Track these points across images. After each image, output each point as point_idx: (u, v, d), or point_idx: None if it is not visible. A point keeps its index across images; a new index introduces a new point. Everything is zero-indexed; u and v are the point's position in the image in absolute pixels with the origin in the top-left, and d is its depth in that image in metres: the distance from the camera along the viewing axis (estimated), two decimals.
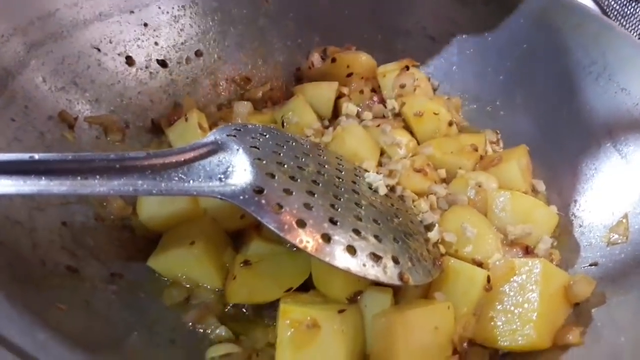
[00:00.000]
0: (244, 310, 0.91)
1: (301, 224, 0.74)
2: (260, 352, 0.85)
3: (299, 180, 0.82)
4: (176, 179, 0.76)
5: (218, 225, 0.97)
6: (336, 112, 1.25)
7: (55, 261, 0.83)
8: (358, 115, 1.21)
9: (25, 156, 0.68)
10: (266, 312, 0.91)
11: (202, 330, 0.88)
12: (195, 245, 0.90)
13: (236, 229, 0.98)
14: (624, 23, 1.77)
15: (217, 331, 0.87)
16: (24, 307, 0.69)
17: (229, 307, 0.91)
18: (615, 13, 1.80)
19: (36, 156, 0.69)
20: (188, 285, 0.93)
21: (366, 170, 1.00)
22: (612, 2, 1.84)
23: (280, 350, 0.78)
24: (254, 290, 0.88)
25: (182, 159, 0.78)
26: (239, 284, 0.89)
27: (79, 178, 0.70)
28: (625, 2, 1.80)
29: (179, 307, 0.91)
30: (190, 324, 0.89)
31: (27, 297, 0.72)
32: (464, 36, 1.33)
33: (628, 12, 1.79)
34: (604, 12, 1.71)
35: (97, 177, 0.71)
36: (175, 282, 0.93)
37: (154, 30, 1.19)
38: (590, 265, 0.94)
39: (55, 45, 1.02)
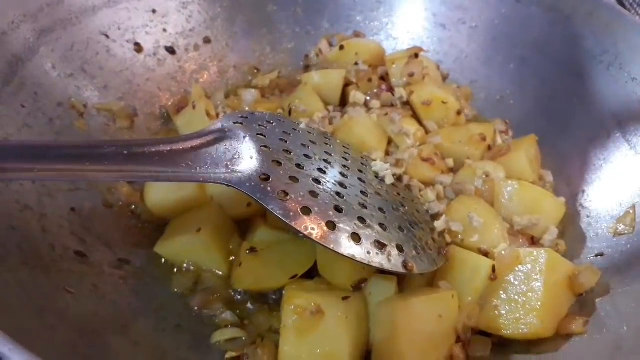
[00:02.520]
0: (249, 296, 0.92)
1: (307, 211, 0.74)
2: (264, 337, 0.86)
3: (305, 168, 0.82)
4: (183, 165, 0.77)
5: (224, 212, 0.97)
6: (344, 100, 1.24)
7: (65, 246, 0.85)
8: (366, 104, 1.20)
9: (36, 142, 0.69)
10: (271, 298, 0.91)
11: (208, 315, 0.89)
12: (202, 232, 0.91)
13: (242, 216, 0.99)
14: None
15: (223, 315, 0.88)
16: (34, 290, 0.71)
17: (234, 293, 0.92)
18: (631, 1, 1.78)
19: (47, 142, 0.70)
20: (193, 268, 0.94)
21: (373, 160, 1.00)
22: None
23: (285, 336, 0.79)
24: (260, 277, 0.89)
25: (190, 146, 0.79)
26: (245, 271, 0.90)
27: (88, 164, 0.71)
28: None
29: (185, 292, 0.92)
30: (197, 308, 0.90)
31: (37, 280, 0.74)
32: (474, 24, 1.32)
33: None
34: (619, 0, 1.68)
35: (106, 163, 0.72)
36: (182, 268, 0.94)
37: (163, 17, 1.19)
38: (597, 255, 0.94)
39: (65, 31, 1.03)
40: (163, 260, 0.94)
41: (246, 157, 0.80)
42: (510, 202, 0.99)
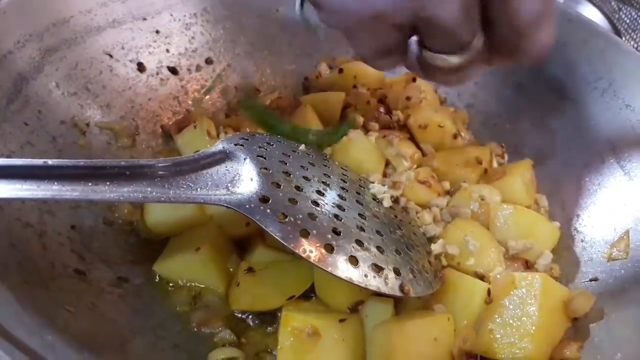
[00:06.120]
0: (246, 315, 0.92)
1: (305, 233, 0.75)
2: (261, 357, 0.86)
3: (304, 190, 0.83)
4: (184, 186, 0.78)
5: (223, 231, 0.98)
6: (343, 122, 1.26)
7: (64, 264, 0.85)
8: (364, 126, 1.22)
9: (39, 161, 0.70)
10: (268, 317, 0.92)
11: (206, 334, 0.89)
12: (201, 251, 0.92)
13: (241, 236, 1.00)
14: (635, 37, 1.78)
15: (221, 334, 0.89)
16: (33, 308, 0.71)
17: (233, 311, 0.92)
18: (626, 26, 1.81)
19: (50, 162, 0.70)
20: (192, 286, 0.94)
21: (371, 182, 1.02)
22: (623, 16, 1.85)
23: (281, 357, 0.80)
24: (257, 298, 0.89)
25: (191, 168, 0.80)
26: (242, 291, 0.90)
27: (90, 184, 0.72)
28: (635, 16, 1.81)
29: (184, 310, 0.92)
30: (194, 324, 0.90)
31: (36, 299, 0.74)
32: None
33: (638, 26, 1.80)
34: (614, 26, 1.71)
35: (108, 183, 0.73)
36: (181, 286, 0.94)
37: (166, 38, 1.21)
38: (591, 280, 0.95)
39: (69, 51, 1.04)
40: (162, 278, 0.95)
41: (246, 179, 0.81)
42: (505, 226, 1.00)
